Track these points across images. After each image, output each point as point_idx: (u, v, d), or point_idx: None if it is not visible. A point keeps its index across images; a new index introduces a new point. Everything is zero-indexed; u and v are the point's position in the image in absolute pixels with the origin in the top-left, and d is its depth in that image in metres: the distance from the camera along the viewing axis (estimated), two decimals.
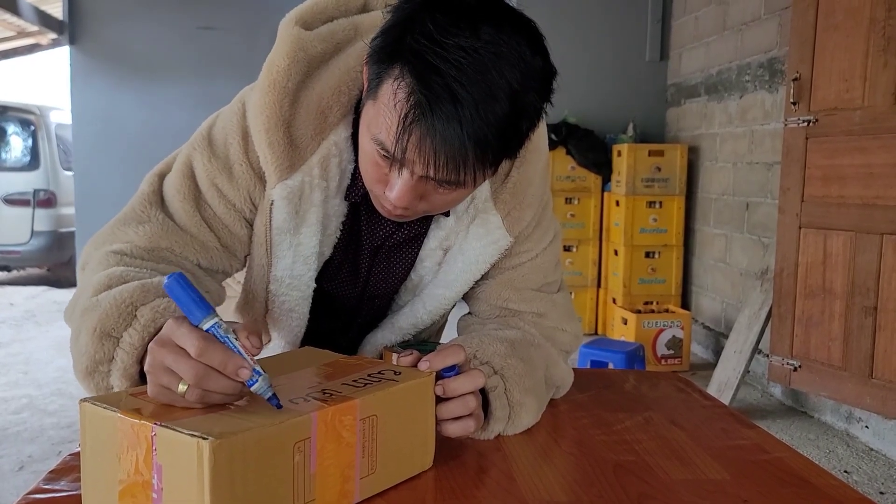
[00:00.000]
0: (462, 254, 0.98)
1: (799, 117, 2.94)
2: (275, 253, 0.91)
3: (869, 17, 2.66)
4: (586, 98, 4.90)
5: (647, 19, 4.92)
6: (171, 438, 0.56)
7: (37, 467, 2.61)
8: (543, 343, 0.97)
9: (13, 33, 6.63)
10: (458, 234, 0.98)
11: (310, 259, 0.93)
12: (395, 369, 0.75)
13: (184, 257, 0.89)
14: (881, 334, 2.65)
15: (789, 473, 0.78)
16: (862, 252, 2.72)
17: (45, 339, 4.61)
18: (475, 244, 0.97)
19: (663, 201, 4.47)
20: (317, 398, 0.65)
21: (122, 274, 0.81)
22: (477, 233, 0.96)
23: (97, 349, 0.75)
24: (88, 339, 0.76)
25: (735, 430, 0.91)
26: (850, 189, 2.76)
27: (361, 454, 0.67)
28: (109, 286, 0.79)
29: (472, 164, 0.74)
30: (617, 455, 0.81)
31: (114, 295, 0.77)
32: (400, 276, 1.03)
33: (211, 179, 0.90)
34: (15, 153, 6.57)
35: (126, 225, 0.89)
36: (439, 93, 0.71)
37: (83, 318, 0.78)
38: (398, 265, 1.02)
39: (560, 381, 0.98)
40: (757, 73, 3.82)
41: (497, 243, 0.97)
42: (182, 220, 0.90)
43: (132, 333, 0.74)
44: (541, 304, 1.01)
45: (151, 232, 0.88)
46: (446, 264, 1.00)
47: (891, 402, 2.62)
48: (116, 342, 0.75)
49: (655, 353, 3.90)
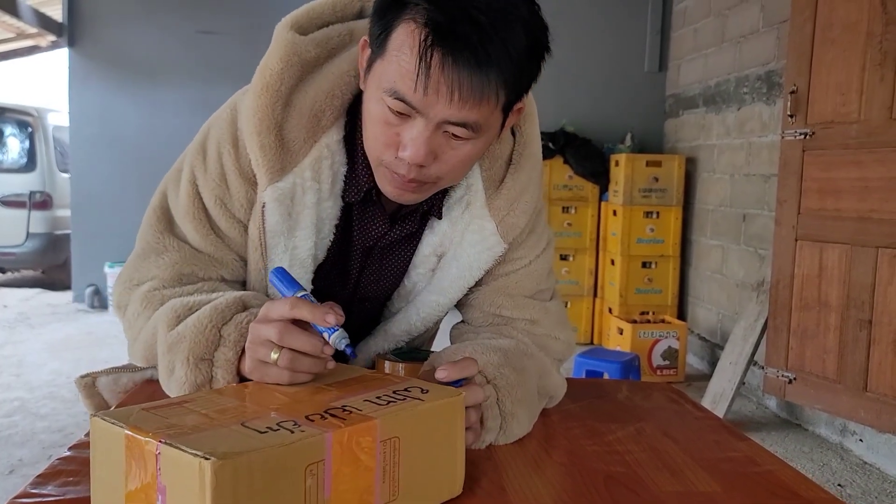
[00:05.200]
0: (456, 260, 0.98)
1: (796, 130, 2.95)
2: (270, 257, 0.92)
3: (866, 32, 2.67)
4: (585, 107, 4.92)
5: (647, 30, 4.94)
6: (175, 457, 0.54)
7: (27, 471, 2.60)
8: (537, 353, 0.97)
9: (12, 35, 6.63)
10: (452, 240, 0.98)
11: (306, 262, 0.93)
12: (423, 387, 0.70)
13: (208, 276, 0.93)
14: (876, 348, 2.65)
15: (780, 486, 0.78)
16: (857, 265, 2.72)
17: (37, 342, 4.59)
18: (470, 251, 0.97)
19: (660, 212, 4.48)
20: (335, 415, 0.62)
21: (185, 304, 0.86)
22: (471, 239, 0.97)
23: (196, 375, 0.81)
24: (184, 368, 0.81)
25: (727, 443, 0.91)
26: (846, 202, 2.77)
27: (382, 479, 0.62)
28: (179, 318, 0.84)
29: (491, 92, 0.76)
30: (608, 466, 0.81)
31: (192, 325, 0.82)
32: (391, 279, 1.03)
33: (214, 195, 0.91)
34: (12, 154, 6.56)
35: (146, 259, 0.93)
36: (456, 16, 0.73)
37: (172, 353, 0.83)
38: (390, 267, 1.02)
39: (553, 391, 0.98)
40: (755, 86, 3.83)
41: (491, 250, 0.97)
42: (197, 242, 0.93)
43: (225, 351, 0.81)
44: (534, 311, 1.01)
45: (172, 261, 0.92)
46: (440, 270, 1.00)
47: (885, 416, 2.62)
48: (211, 364, 0.81)
49: (651, 363, 3.90)
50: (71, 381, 3.73)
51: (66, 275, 6.22)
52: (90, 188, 5.44)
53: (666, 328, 3.97)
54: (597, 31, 4.93)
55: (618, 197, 4.50)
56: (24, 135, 6.54)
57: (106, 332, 4.88)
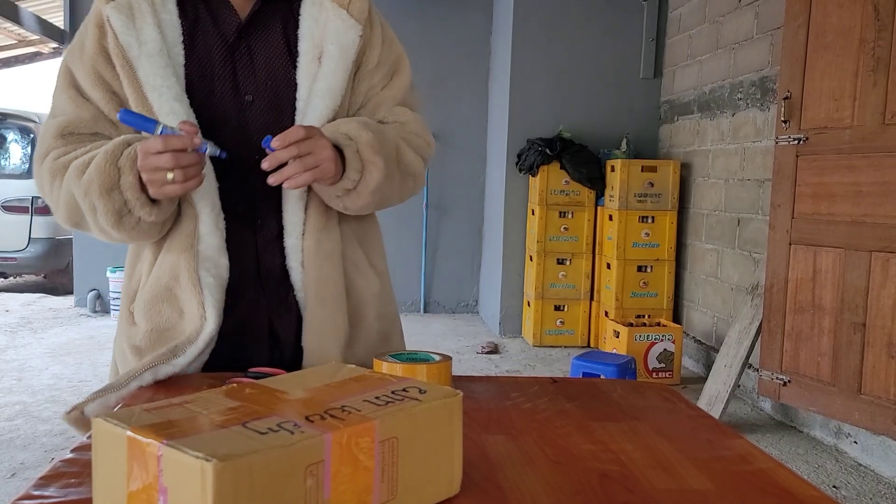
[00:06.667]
0: (332, 56, 1.12)
1: (790, 135, 2.98)
2: (132, 64, 1.06)
3: (859, 38, 2.70)
4: (581, 114, 4.94)
5: (642, 37, 4.97)
6: (177, 459, 0.54)
7: (29, 474, 2.61)
8: (399, 135, 1.16)
9: (14, 41, 6.65)
10: (322, 37, 1.13)
11: (162, 57, 1.07)
12: (421, 387, 0.71)
13: (88, 131, 1.10)
14: (869, 350, 2.68)
15: (773, 485, 0.79)
16: (851, 269, 2.75)
17: (39, 346, 4.60)
18: (337, 41, 1.13)
19: (656, 216, 4.50)
20: (335, 416, 0.63)
21: (83, 161, 1.04)
22: (335, 28, 1.13)
23: (112, 202, 1.00)
24: (101, 201, 1.00)
25: (720, 441, 0.92)
26: (840, 206, 2.79)
27: (380, 479, 0.63)
28: (83, 170, 1.02)
29: None
30: (602, 464, 0.82)
31: (94, 169, 1.01)
32: (268, 72, 1.13)
33: (78, 66, 1.10)
34: (14, 160, 6.58)
35: (42, 143, 1.11)
36: None
37: (88, 196, 1.01)
38: (262, 57, 1.13)
39: (412, 167, 1.17)
40: (749, 92, 3.86)
41: (351, 31, 1.13)
42: (71, 110, 1.10)
43: (125, 178, 0.99)
44: (403, 114, 1.21)
45: (56, 128, 1.10)
46: (323, 68, 1.12)
47: (879, 418, 2.64)
48: (119, 191, 1.00)
49: (647, 366, 3.92)
50: (73, 385, 3.74)
51: (68, 279, 6.23)
52: None
53: (661, 331, 3.99)
54: (592, 39, 4.96)
55: (614, 202, 4.53)
56: (26, 141, 6.56)
57: (108, 336, 4.89)
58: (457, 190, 5.77)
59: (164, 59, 1.07)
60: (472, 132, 5.75)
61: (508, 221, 5.04)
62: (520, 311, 5.08)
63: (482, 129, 5.78)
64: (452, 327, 5.42)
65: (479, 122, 5.76)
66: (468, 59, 5.71)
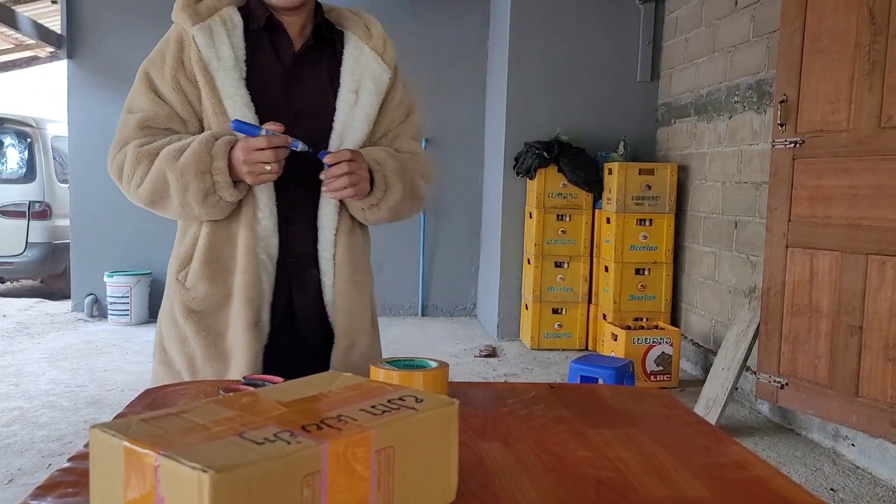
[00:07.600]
0: (367, 91, 1.38)
1: (786, 139, 2.99)
2: (218, 86, 1.28)
3: (854, 42, 2.71)
4: (578, 117, 4.95)
5: (639, 40, 4.98)
6: (174, 470, 0.54)
7: (26, 480, 2.61)
8: (411, 165, 1.41)
9: (11, 46, 6.65)
10: (361, 74, 1.38)
11: (236, 71, 1.30)
12: (417, 395, 0.71)
13: (166, 127, 1.31)
14: (866, 353, 2.68)
15: (769, 492, 0.79)
16: (848, 272, 2.75)
17: (37, 352, 4.59)
18: (371, 82, 1.39)
19: (653, 219, 4.51)
20: (331, 426, 0.63)
21: (175, 147, 1.25)
22: (371, 69, 1.39)
23: (202, 183, 1.23)
24: (196, 181, 1.23)
25: (716, 448, 0.92)
26: (836, 209, 2.80)
27: (377, 489, 0.63)
28: (178, 155, 1.24)
29: None
30: (598, 471, 0.82)
31: (189, 154, 1.23)
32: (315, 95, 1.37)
33: (157, 71, 1.32)
34: (11, 165, 6.57)
35: (120, 135, 1.34)
36: None
37: (185, 175, 1.24)
38: (312, 83, 1.38)
39: (419, 191, 1.43)
40: (745, 95, 3.87)
41: (384, 74, 1.40)
42: (150, 108, 1.31)
43: (217, 163, 1.23)
44: (415, 147, 1.47)
45: (137, 122, 1.31)
46: (360, 99, 1.37)
47: (876, 421, 2.65)
48: (211, 174, 1.23)
49: (645, 369, 3.92)
50: (70, 390, 3.74)
51: (66, 284, 6.23)
52: (89, 198, 5.45)
53: (659, 334, 3.99)
54: (590, 42, 4.97)
55: (611, 205, 4.53)
56: (23, 145, 6.55)
57: (105, 341, 4.89)
58: (454, 193, 5.78)
59: (237, 72, 1.30)
60: (469, 135, 5.76)
61: (506, 224, 5.04)
62: (518, 314, 5.08)
63: (479, 132, 5.78)
64: (450, 330, 5.42)
65: (476, 126, 5.77)
66: (465, 61, 5.72)
